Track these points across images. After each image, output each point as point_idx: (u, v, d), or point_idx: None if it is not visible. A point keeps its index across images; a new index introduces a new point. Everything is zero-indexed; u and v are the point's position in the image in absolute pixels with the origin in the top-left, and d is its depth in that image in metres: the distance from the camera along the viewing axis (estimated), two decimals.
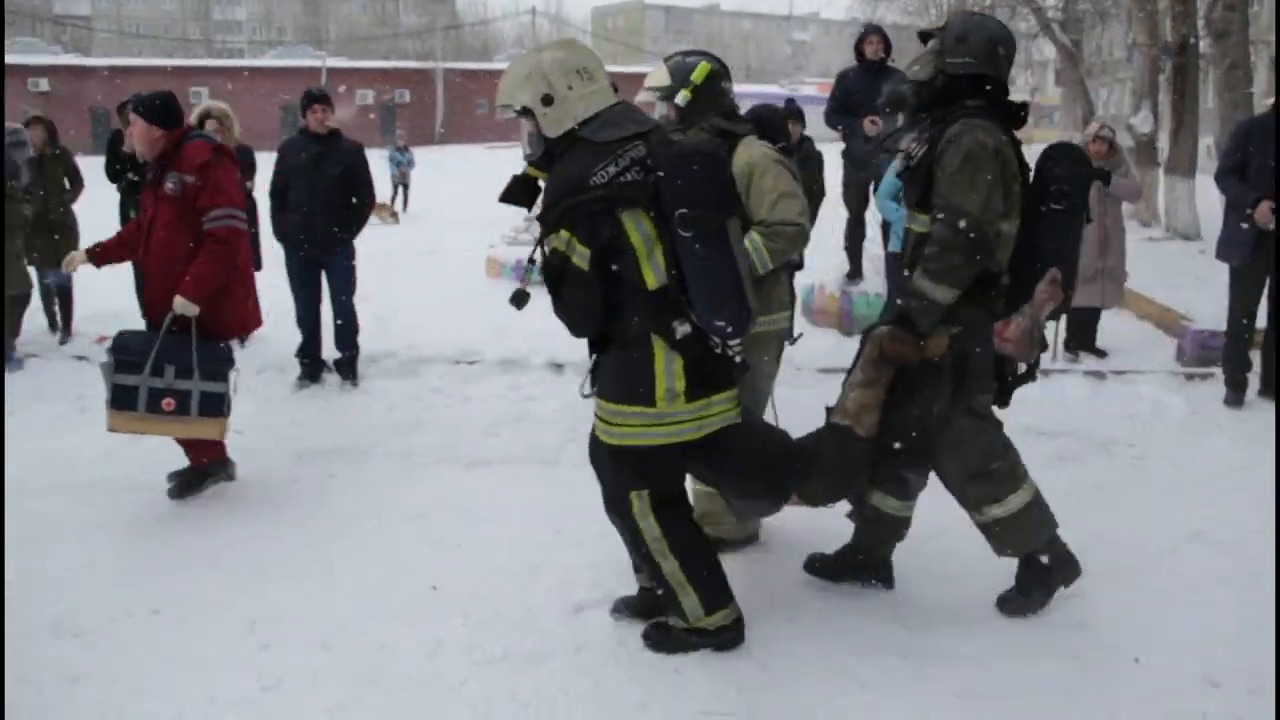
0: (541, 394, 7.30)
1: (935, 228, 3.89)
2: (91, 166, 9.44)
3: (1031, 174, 4.08)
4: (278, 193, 7.69)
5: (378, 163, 9.38)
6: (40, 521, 5.13)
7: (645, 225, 3.63)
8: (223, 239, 5.34)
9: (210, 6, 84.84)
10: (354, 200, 7.64)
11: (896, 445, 4.01)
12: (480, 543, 4.98)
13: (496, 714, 3.60)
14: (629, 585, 4.26)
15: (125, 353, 5.26)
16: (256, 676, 3.80)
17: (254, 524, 5.23)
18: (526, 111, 3.71)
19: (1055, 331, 7.97)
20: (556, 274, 3.67)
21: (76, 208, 9.03)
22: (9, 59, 46.93)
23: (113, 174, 8.69)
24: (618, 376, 3.76)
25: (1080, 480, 5.66)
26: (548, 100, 3.67)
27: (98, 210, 9.24)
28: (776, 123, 4.98)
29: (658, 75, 4.60)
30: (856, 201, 9.78)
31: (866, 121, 8.87)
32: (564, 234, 3.61)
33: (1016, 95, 4.17)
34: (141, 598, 4.40)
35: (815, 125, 9.04)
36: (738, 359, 3.88)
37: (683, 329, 3.67)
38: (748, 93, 18.73)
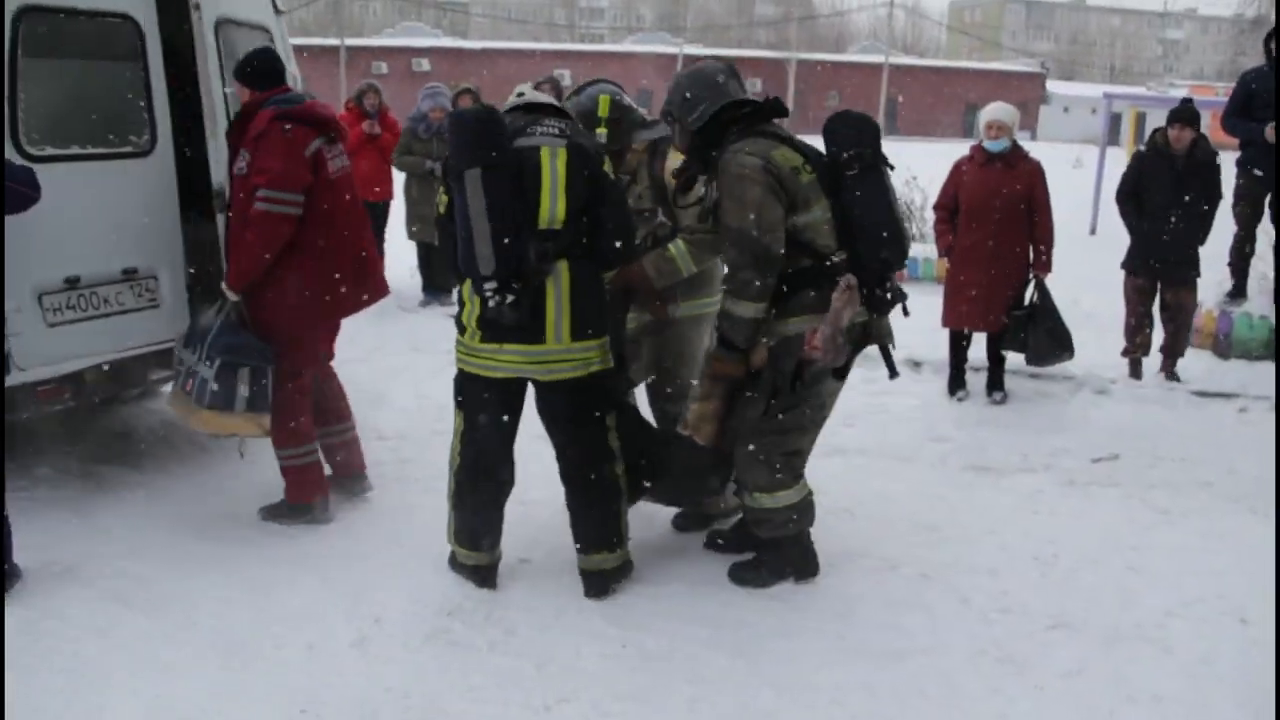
0: (897, 389, 7.12)
1: (725, 252, 4.39)
2: None
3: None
4: None
5: None
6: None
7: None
8: (254, 222, 4.79)
9: None
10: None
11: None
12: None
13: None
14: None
15: (188, 329, 5.12)
16: None
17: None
18: None
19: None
20: None
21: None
22: (396, 41, 50.74)
23: None
24: None
25: None
26: None
27: None
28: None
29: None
30: (1249, 215, 8.95)
31: (1269, 129, 8.07)
32: None
33: None
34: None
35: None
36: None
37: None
38: (1113, 93, 17.60)
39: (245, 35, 5.94)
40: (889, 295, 4.37)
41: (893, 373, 4.56)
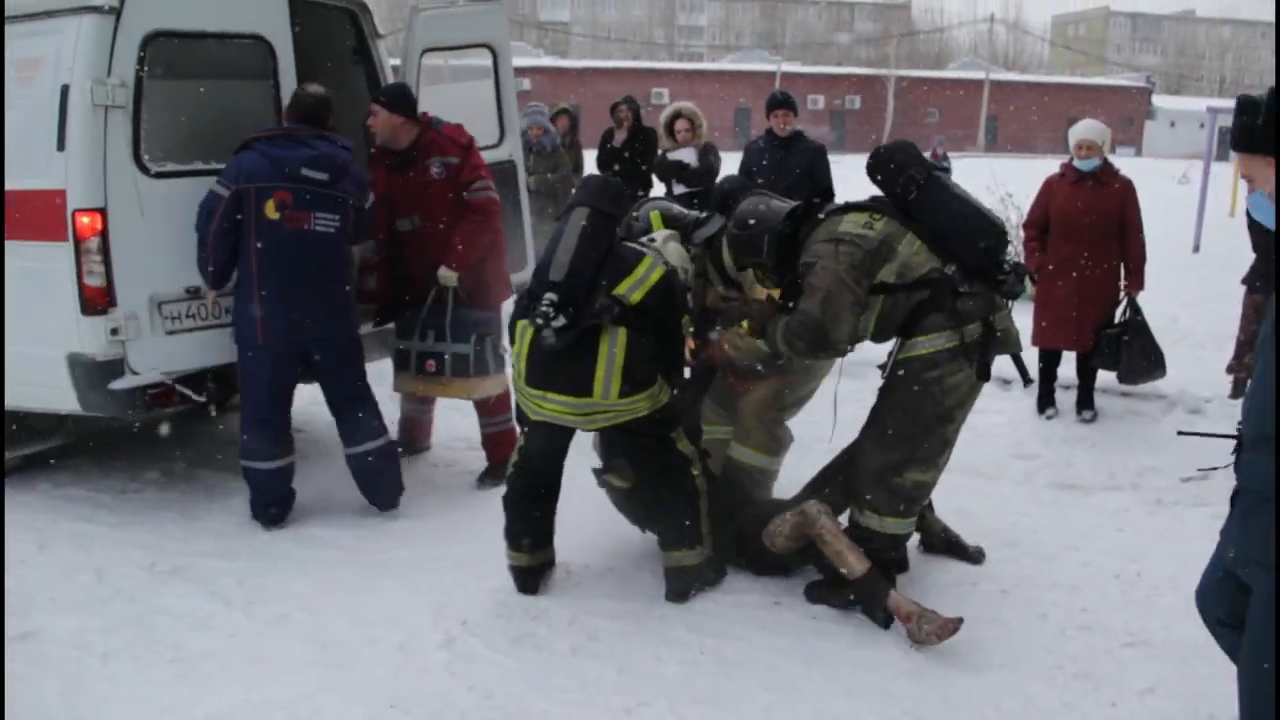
0: (985, 406, 7.10)
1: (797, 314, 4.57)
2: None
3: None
4: None
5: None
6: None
7: None
8: (483, 209, 5.70)
9: (675, 12, 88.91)
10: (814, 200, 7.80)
11: None
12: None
13: None
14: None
15: (403, 321, 5.85)
16: None
17: None
18: None
19: None
20: None
21: None
22: None
23: (602, 164, 9.43)
24: None
25: None
26: None
27: None
28: (741, 194, 5.21)
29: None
30: None
31: None
32: None
33: None
34: None
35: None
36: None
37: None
38: (1218, 107, 17.24)
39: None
40: (1013, 275, 4.47)
41: (1026, 379, 4.85)
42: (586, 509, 5.19)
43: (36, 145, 5.01)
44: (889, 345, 4.54)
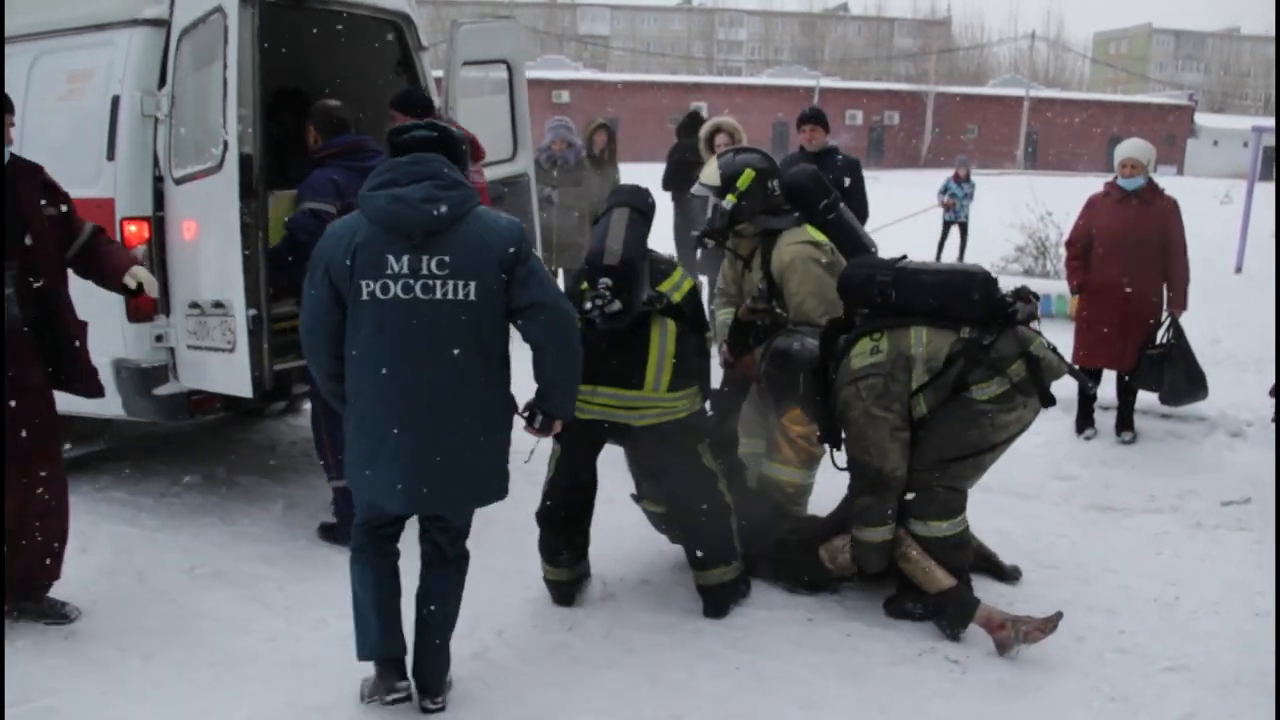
0: None
1: None
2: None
3: None
4: None
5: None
6: None
7: None
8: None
9: (715, 27, 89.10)
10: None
11: None
12: None
13: None
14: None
15: None
16: None
17: None
18: None
19: None
20: None
21: None
22: (536, 73, 51.61)
23: (670, 184, 9.37)
24: None
25: None
26: None
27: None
28: (810, 186, 5.19)
29: (710, 173, 5.10)
30: None
31: None
32: None
33: None
34: None
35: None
36: None
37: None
38: (1263, 126, 17.05)
39: None
40: (1019, 301, 4.51)
41: (1088, 387, 5.26)
42: (623, 522, 5.20)
43: (87, 155, 5.09)
44: None
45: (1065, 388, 7.29)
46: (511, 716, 3.88)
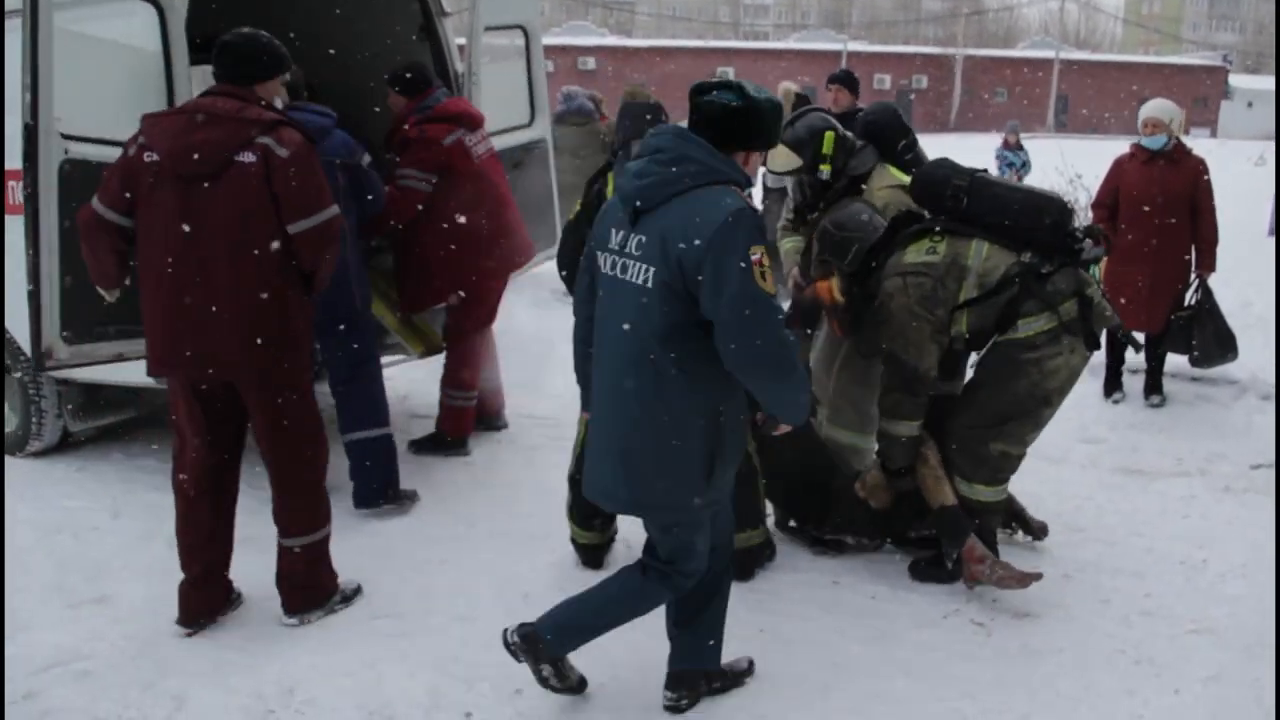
0: None
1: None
2: None
3: None
4: None
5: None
6: None
7: None
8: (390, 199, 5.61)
9: None
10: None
11: None
12: None
13: None
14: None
15: None
16: None
17: None
18: None
19: None
20: None
21: None
22: (561, 40, 51.46)
23: None
24: None
25: None
26: None
27: None
28: (890, 124, 5.19)
29: (785, 159, 4.97)
30: None
31: None
32: None
33: None
34: None
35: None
36: None
37: None
38: None
39: None
40: (1088, 240, 4.44)
41: (1136, 347, 5.02)
42: None
43: None
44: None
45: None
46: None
